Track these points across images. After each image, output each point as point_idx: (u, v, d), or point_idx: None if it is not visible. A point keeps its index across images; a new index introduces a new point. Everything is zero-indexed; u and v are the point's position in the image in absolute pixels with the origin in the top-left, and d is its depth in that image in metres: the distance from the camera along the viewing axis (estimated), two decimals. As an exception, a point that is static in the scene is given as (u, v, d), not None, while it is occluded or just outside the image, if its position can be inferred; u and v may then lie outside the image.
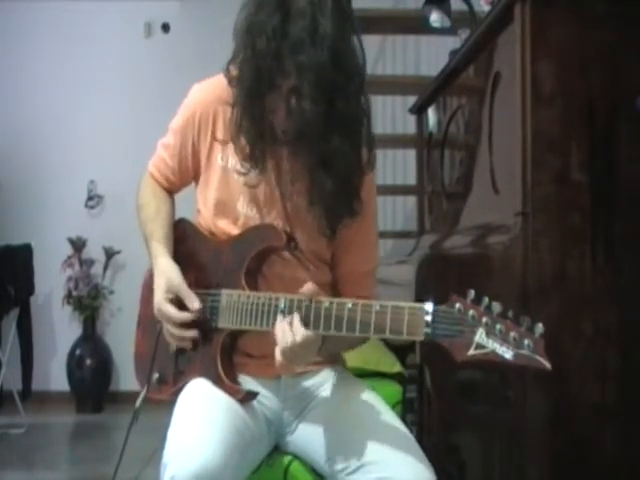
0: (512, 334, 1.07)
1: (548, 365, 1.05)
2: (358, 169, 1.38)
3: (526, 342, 1.06)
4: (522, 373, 1.35)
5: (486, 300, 1.10)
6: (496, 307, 1.09)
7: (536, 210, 1.36)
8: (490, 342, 1.08)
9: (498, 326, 1.08)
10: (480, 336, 1.09)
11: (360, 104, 1.36)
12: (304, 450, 1.43)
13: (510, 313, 1.08)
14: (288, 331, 1.25)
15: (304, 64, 1.24)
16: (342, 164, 1.35)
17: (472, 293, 1.11)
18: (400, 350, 2.39)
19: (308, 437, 1.42)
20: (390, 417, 1.42)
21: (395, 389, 1.91)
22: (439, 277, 1.97)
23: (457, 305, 1.11)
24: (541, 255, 1.34)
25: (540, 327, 1.06)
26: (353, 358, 1.70)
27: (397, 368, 2.08)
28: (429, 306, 1.14)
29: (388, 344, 2.47)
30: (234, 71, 1.35)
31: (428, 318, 1.13)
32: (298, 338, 1.23)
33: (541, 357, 1.05)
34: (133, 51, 4.79)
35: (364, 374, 1.87)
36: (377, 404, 1.45)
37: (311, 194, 1.40)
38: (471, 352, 1.09)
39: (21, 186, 4.73)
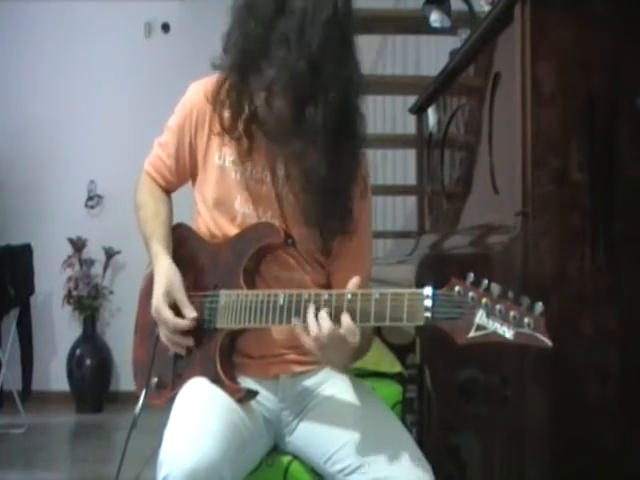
0: (512, 313, 1.05)
1: (549, 342, 1.04)
2: (333, 182, 1.36)
3: (526, 321, 1.05)
4: (522, 373, 1.35)
5: (485, 282, 1.08)
6: (495, 288, 1.08)
7: (536, 210, 1.36)
8: (490, 323, 1.07)
9: (498, 306, 1.06)
10: (480, 317, 1.07)
11: (346, 116, 1.34)
12: (303, 450, 1.43)
13: (510, 294, 1.07)
14: (327, 322, 1.20)
15: (282, 61, 1.26)
16: (313, 173, 1.35)
17: (471, 276, 1.10)
18: (400, 350, 2.39)
19: (307, 437, 1.42)
20: (389, 417, 1.42)
21: (395, 389, 1.90)
22: (439, 277, 1.96)
23: (457, 288, 1.10)
24: (541, 255, 1.34)
25: (540, 306, 1.05)
26: (353, 358, 1.70)
27: (397, 368, 2.07)
28: (428, 290, 1.12)
29: (388, 344, 2.47)
30: (228, 43, 1.37)
31: (428, 302, 1.12)
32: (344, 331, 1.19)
33: (542, 335, 1.04)
34: (133, 51, 4.79)
35: (364, 374, 1.87)
36: (376, 404, 1.45)
37: (306, 213, 1.41)
38: (472, 334, 1.08)
39: (21, 186, 4.72)
